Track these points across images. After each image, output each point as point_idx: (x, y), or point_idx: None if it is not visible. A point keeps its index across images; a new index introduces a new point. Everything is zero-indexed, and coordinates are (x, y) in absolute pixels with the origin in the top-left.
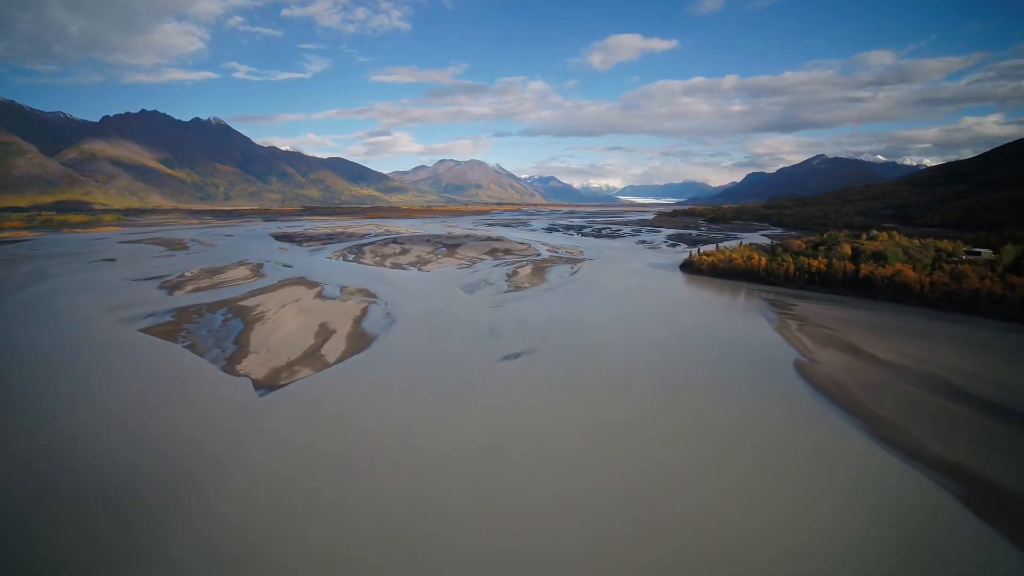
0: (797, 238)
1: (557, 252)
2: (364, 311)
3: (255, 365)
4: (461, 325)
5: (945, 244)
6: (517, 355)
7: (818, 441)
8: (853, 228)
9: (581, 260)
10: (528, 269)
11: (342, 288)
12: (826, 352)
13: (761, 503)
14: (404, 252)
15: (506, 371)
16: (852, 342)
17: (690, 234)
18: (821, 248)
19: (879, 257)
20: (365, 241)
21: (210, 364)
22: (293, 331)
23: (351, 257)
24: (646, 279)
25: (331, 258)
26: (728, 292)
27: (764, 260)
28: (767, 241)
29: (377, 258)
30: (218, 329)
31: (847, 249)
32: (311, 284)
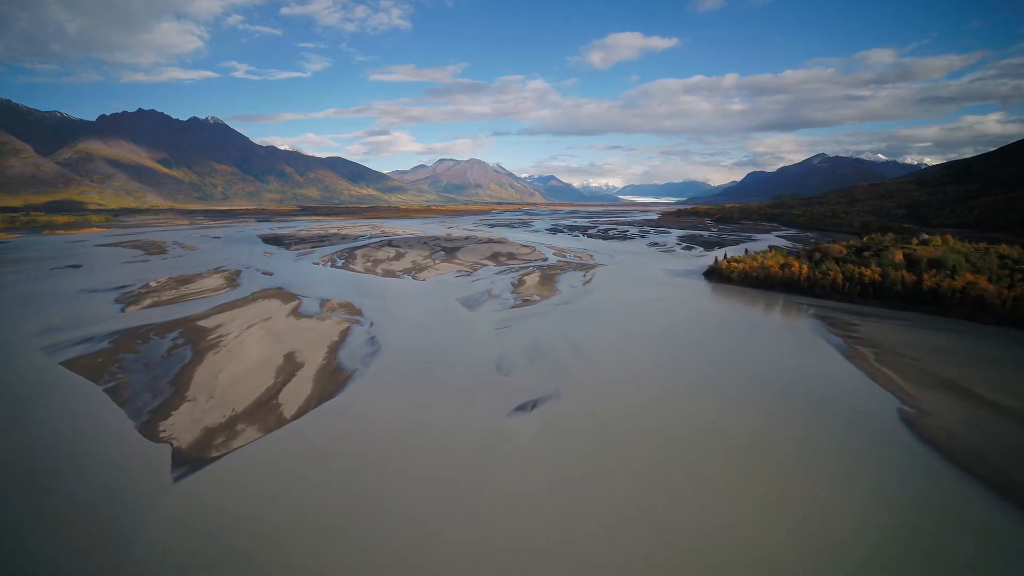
0: (828, 242)
1: (565, 256)
2: (344, 334)
3: (185, 422)
4: (460, 355)
5: (1004, 249)
6: (533, 404)
7: (989, 543)
8: (872, 229)
9: (592, 266)
10: (535, 277)
11: (323, 303)
12: (930, 396)
13: None
14: (399, 257)
15: (519, 433)
16: (954, 379)
17: (702, 235)
18: (866, 254)
19: (937, 265)
20: (358, 244)
21: (128, 419)
22: (250, 366)
23: (340, 263)
24: (671, 290)
25: (318, 264)
26: (769, 306)
27: (805, 268)
28: (785, 243)
29: (368, 264)
30: (159, 362)
31: (899, 256)
32: (288, 297)
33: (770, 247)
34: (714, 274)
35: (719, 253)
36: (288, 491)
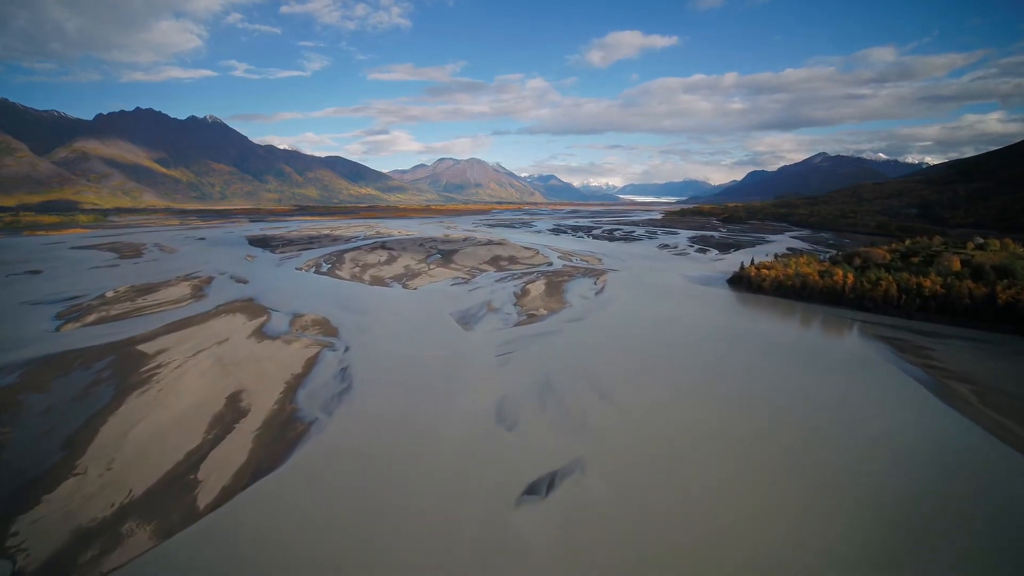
0: (846, 243)
1: (571, 260)
2: (310, 364)
3: (54, 517)
4: (450, 396)
5: None
6: (549, 483)
7: None
8: (889, 230)
9: (602, 272)
10: (540, 285)
11: (294, 319)
12: None
13: None
14: (390, 261)
15: (533, 539)
16: None
17: (712, 236)
18: (915, 260)
19: (1005, 274)
20: (350, 246)
21: None
22: (179, 413)
23: (326, 268)
24: (698, 303)
25: (301, 269)
26: (817, 324)
27: (851, 277)
28: (803, 245)
29: (356, 269)
30: (67, 406)
31: (956, 263)
32: (256, 311)
33: (789, 250)
34: (741, 282)
35: (737, 256)
36: None
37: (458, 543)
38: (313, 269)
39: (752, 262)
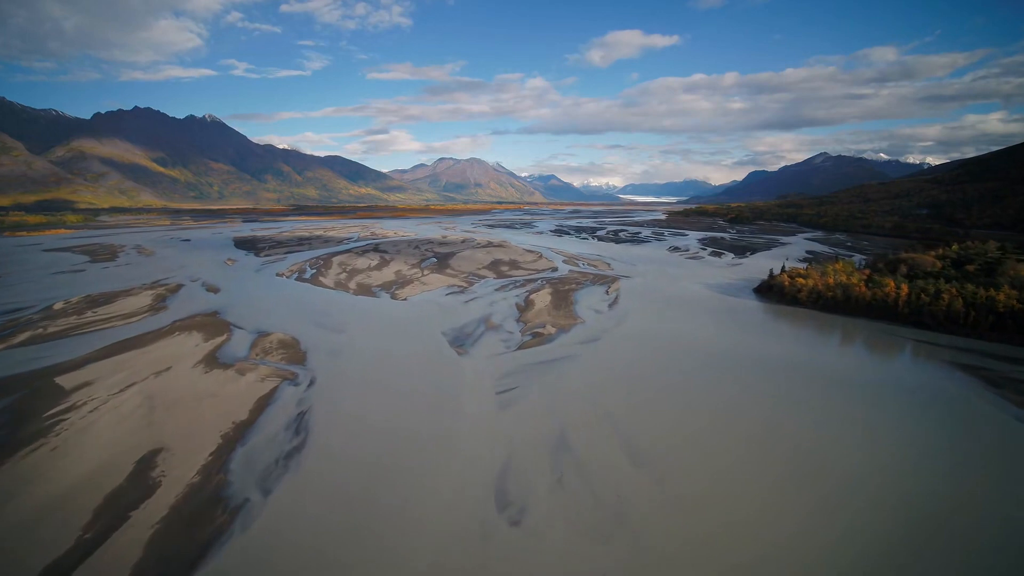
0: (864, 244)
1: (577, 265)
2: (261, 406)
3: None
4: (434, 463)
5: None
6: None
7: None
8: (906, 231)
9: (613, 278)
10: (546, 296)
11: (257, 339)
12: None
13: None
14: (381, 265)
15: None
16: None
17: (723, 238)
18: (970, 268)
19: None
20: (340, 248)
21: None
22: (66, 488)
23: (309, 273)
24: (727, 318)
25: (283, 275)
26: (874, 346)
27: (906, 288)
28: (823, 248)
29: (342, 275)
30: None
31: (1023, 272)
32: (216, 329)
33: (808, 252)
34: (772, 292)
35: (754, 260)
36: None
37: None
38: (296, 275)
39: (783, 269)
